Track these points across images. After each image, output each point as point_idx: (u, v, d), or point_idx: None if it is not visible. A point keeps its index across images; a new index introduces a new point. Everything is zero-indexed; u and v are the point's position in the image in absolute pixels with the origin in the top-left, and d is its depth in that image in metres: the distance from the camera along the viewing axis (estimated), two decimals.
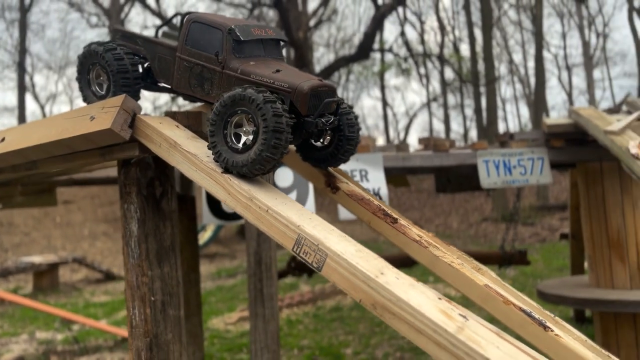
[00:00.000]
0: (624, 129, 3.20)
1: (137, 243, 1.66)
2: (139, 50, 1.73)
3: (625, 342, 4.08)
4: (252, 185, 1.36)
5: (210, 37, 1.53)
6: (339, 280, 1.20)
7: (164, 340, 1.67)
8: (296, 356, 6.96)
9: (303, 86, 1.42)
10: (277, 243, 2.58)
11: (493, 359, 1.02)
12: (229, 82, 1.50)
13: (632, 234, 4.10)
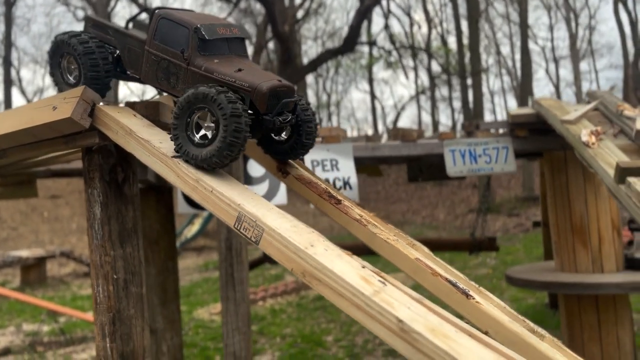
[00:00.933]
0: (579, 118, 3.35)
1: (100, 225, 1.78)
2: (110, 40, 1.77)
3: (588, 323, 4.26)
4: (199, 169, 1.48)
5: (177, 34, 1.60)
6: (274, 252, 1.33)
7: (126, 315, 1.79)
8: (279, 344, 7.10)
9: (262, 86, 1.49)
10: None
11: (402, 317, 1.15)
12: (194, 79, 1.56)
13: (594, 221, 4.27)
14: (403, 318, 1.16)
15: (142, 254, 1.87)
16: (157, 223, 3.90)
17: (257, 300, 9.07)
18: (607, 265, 4.24)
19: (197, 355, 6.74)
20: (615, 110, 3.44)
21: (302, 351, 6.67)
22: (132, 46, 1.72)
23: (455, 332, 1.19)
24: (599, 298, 4.20)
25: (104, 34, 1.79)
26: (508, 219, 19.14)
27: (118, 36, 1.75)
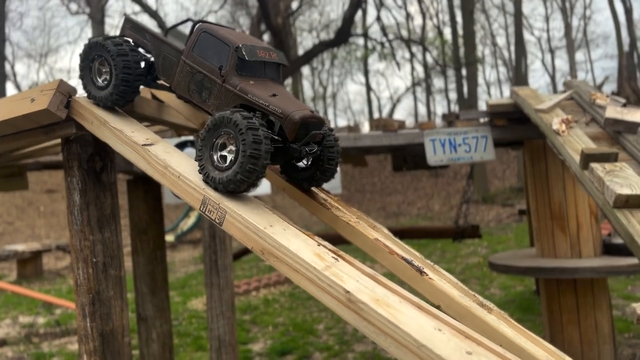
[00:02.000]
0: (552, 107, 3.44)
1: (79, 211, 1.87)
2: (145, 44, 1.77)
3: (566, 307, 4.38)
4: (167, 155, 1.58)
5: (217, 50, 1.60)
6: (236, 232, 1.43)
7: (105, 297, 1.89)
8: (271, 332, 7.22)
9: (295, 115, 1.50)
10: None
11: (349, 289, 1.25)
12: (227, 96, 1.57)
13: (572, 207, 4.37)
14: (350, 289, 1.26)
15: (121, 238, 1.97)
16: (146, 214, 3.99)
17: (251, 290, 9.20)
18: (585, 251, 4.36)
19: (190, 344, 6.86)
20: (588, 99, 3.53)
21: (293, 339, 6.79)
22: (168, 54, 1.72)
23: (400, 302, 1.29)
24: (577, 282, 4.31)
25: (140, 38, 1.79)
26: (502, 209, 19.29)
27: (155, 42, 1.76)
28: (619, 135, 3.06)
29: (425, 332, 1.19)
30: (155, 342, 4.04)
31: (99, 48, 1.75)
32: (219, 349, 3.17)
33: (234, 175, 1.42)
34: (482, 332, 1.42)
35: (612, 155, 2.59)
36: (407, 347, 1.17)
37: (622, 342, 5.91)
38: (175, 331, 7.43)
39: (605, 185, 2.34)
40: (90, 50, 1.77)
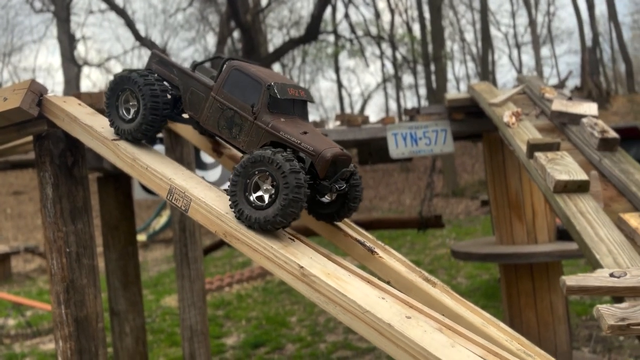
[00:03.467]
0: (504, 101, 3.65)
1: (52, 204, 1.97)
2: (172, 78, 1.78)
3: (524, 291, 4.62)
4: (136, 149, 1.69)
5: (248, 87, 1.63)
6: (200, 218, 1.56)
7: (79, 285, 2.00)
8: (244, 326, 7.34)
9: (326, 153, 1.53)
10: None
11: (303, 264, 1.40)
12: (258, 133, 1.59)
13: (528, 196, 4.61)
14: (304, 265, 1.40)
15: (93, 230, 2.08)
16: (116, 210, 4.07)
17: (224, 286, 9.28)
18: (540, 237, 4.60)
19: (163, 340, 6.94)
20: (538, 93, 3.75)
21: (266, 332, 6.92)
22: (196, 89, 1.73)
23: (349, 275, 1.44)
24: (533, 267, 4.55)
25: (167, 72, 1.80)
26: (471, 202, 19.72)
27: (183, 77, 1.76)
28: (564, 127, 3.27)
29: (369, 300, 1.35)
30: (128, 336, 4.12)
31: (125, 81, 1.74)
32: (191, 339, 3.29)
33: (273, 216, 1.42)
34: (425, 302, 1.59)
35: (555, 144, 2.79)
36: (353, 313, 1.32)
37: (580, 324, 6.22)
38: (149, 328, 7.48)
39: (547, 172, 2.54)
40: (116, 86, 1.76)
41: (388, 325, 1.29)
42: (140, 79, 1.72)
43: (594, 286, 1.83)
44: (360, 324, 1.32)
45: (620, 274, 1.87)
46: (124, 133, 1.74)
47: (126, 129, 1.74)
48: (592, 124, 3.04)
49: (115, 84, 1.77)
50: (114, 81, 1.77)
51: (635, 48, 41.61)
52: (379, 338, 1.29)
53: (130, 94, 1.75)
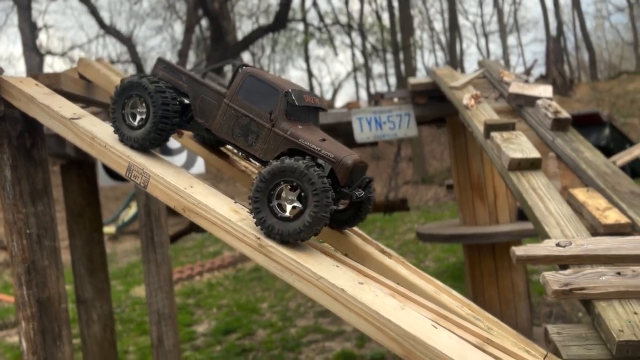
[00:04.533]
0: (465, 84, 3.74)
1: (11, 186, 1.96)
2: (181, 85, 1.73)
3: (486, 270, 4.77)
4: (94, 128, 1.70)
5: (265, 94, 1.60)
6: (159, 194, 1.59)
7: (40, 266, 2.00)
8: (215, 314, 7.36)
9: (347, 160, 1.52)
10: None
11: (260, 236, 1.44)
12: (276, 141, 1.56)
13: (489, 178, 4.74)
14: (261, 236, 1.45)
15: (54, 212, 2.08)
16: (80, 196, 4.03)
17: (194, 275, 9.26)
18: (501, 217, 4.75)
19: (133, 329, 6.91)
20: (497, 77, 3.85)
21: (237, 319, 6.96)
22: (207, 96, 1.69)
23: (305, 246, 1.49)
24: (495, 246, 4.70)
25: (175, 79, 1.74)
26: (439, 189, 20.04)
27: (192, 84, 1.72)
28: (520, 109, 3.38)
29: (323, 267, 1.40)
30: (96, 323, 4.11)
31: (134, 87, 1.68)
32: (159, 322, 3.31)
33: (299, 231, 1.40)
34: (380, 272, 1.65)
35: (510, 125, 2.89)
36: (308, 279, 1.38)
37: (541, 302, 6.44)
38: (119, 318, 7.43)
39: (502, 151, 2.64)
40: (124, 91, 1.69)
41: (341, 290, 1.34)
42: (152, 86, 1.66)
43: (541, 255, 1.93)
44: (315, 290, 1.37)
45: (566, 243, 1.97)
46: (130, 140, 1.66)
47: (133, 136, 1.66)
48: (546, 105, 3.16)
49: (122, 89, 1.70)
50: (121, 86, 1.70)
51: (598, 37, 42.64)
52: (332, 303, 1.35)
53: (139, 100, 1.68)
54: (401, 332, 1.27)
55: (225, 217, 1.49)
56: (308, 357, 5.55)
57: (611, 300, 1.71)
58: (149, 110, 1.67)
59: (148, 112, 1.67)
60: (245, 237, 1.46)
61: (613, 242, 1.96)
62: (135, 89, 1.68)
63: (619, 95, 26.38)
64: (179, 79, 1.74)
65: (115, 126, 1.70)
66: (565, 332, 1.70)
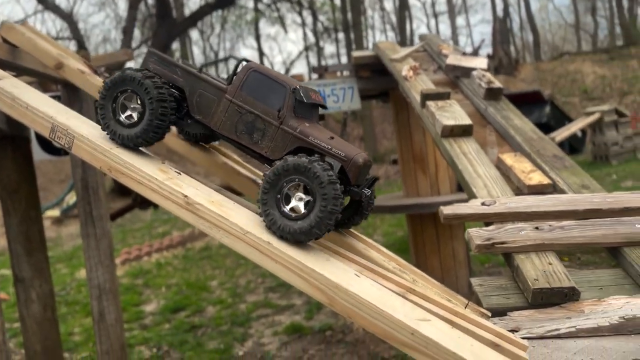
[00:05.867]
0: (405, 57, 3.81)
1: None
2: (175, 80, 1.64)
3: (429, 239, 4.92)
4: (15, 90, 1.65)
5: (270, 90, 1.55)
6: (85, 154, 1.56)
7: None
8: (164, 293, 7.29)
9: (358, 159, 1.49)
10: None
11: (187, 194, 1.45)
12: (284, 139, 1.52)
13: (431, 150, 4.87)
14: (188, 194, 1.45)
15: None
16: (15, 172, 3.88)
17: (142, 256, 9.12)
18: (442, 189, 4.90)
19: (79, 311, 6.77)
20: (436, 50, 3.94)
21: (186, 297, 6.92)
22: (205, 91, 1.61)
23: (233, 204, 1.51)
24: (436, 217, 4.83)
25: (169, 73, 1.65)
26: (390, 167, 20.40)
27: (189, 78, 1.63)
28: (457, 80, 3.48)
29: (250, 222, 1.43)
30: (35, 302, 4.00)
31: (127, 82, 1.58)
32: (100, 297, 3.25)
33: (309, 228, 1.37)
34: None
35: (445, 94, 2.97)
36: (235, 235, 1.40)
37: (482, 271, 6.71)
38: (63, 300, 7.26)
39: (436, 118, 2.72)
40: (115, 86, 1.59)
41: (267, 243, 1.37)
42: (148, 81, 1.57)
43: (467, 213, 2.02)
44: (242, 244, 1.40)
45: (490, 202, 2.07)
46: (122, 138, 1.57)
47: (126, 134, 1.57)
48: (480, 76, 3.26)
49: (114, 84, 1.59)
50: (112, 80, 1.59)
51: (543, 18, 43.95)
52: (259, 256, 1.38)
53: (134, 95, 1.59)
54: (324, 280, 1.32)
55: (152, 175, 1.48)
56: (258, 331, 5.60)
57: (529, 252, 1.82)
58: (144, 107, 1.58)
59: (143, 109, 1.58)
60: (172, 195, 1.46)
61: (534, 200, 2.07)
62: (128, 83, 1.58)
63: (561, 75, 27.43)
64: (173, 73, 1.65)
65: (104, 123, 1.60)
66: (486, 283, 1.80)
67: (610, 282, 1.77)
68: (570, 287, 1.63)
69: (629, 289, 1.71)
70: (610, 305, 1.61)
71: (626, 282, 1.75)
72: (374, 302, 1.28)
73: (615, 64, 26.57)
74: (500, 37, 30.35)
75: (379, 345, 4.91)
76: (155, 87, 1.57)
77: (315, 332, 5.40)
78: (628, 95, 23.20)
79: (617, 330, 1.51)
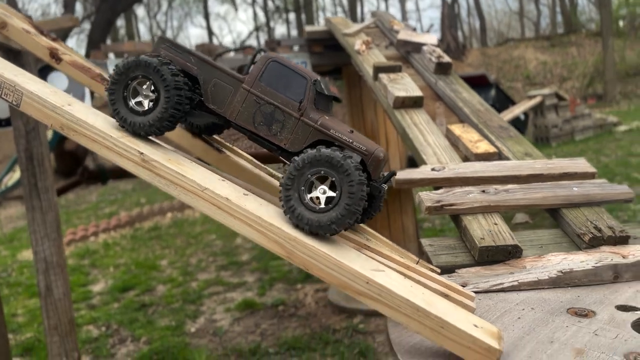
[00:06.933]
0: (357, 31, 3.85)
1: None
2: (189, 68, 1.59)
3: (379, 214, 5.03)
4: None
5: (292, 82, 1.53)
6: (34, 112, 1.52)
7: None
8: (112, 273, 7.14)
9: (379, 153, 1.47)
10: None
11: (143, 151, 1.44)
12: (305, 131, 1.50)
13: (382, 126, 4.96)
14: (144, 151, 1.44)
15: None
16: None
17: (89, 236, 8.88)
18: (393, 164, 5.00)
19: (21, 293, 6.54)
20: (388, 26, 4.00)
21: (135, 276, 6.81)
22: (221, 80, 1.57)
23: (190, 162, 1.51)
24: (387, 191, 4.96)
25: (182, 60, 1.59)
26: None
27: (204, 66, 1.58)
28: (408, 55, 3.55)
29: (208, 180, 1.43)
30: None
31: (141, 67, 1.52)
32: (47, 271, 3.16)
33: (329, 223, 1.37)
34: (268, 192, 1.72)
35: (397, 67, 3.04)
36: (193, 192, 1.40)
37: None
38: (4, 282, 7.00)
39: (388, 90, 2.78)
40: (128, 71, 1.54)
41: (226, 200, 1.39)
42: (165, 68, 1.52)
43: (418, 178, 2.09)
44: (200, 201, 1.40)
45: (440, 168, 2.15)
46: (133, 126, 1.53)
47: (138, 122, 1.53)
48: (430, 50, 3.34)
49: (127, 69, 1.53)
50: (126, 65, 1.53)
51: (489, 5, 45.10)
52: (217, 212, 1.39)
53: (146, 82, 1.54)
54: (283, 234, 1.34)
55: (107, 133, 1.46)
56: (210, 308, 5.59)
57: (476, 214, 1.91)
58: (158, 95, 1.53)
59: (156, 97, 1.53)
60: (127, 153, 1.45)
61: (481, 166, 2.17)
62: (143, 69, 1.52)
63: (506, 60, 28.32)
64: (187, 61, 1.59)
65: (113, 109, 1.55)
66: (436, 244, 1.88)
67: (549, 241, 1.88)
68: (514, 245, 1.73)
69: (566, 246, 1.83)
70: (549, 261, 1.72)
71: (564, 241, 1.87)
72: (331, 253, 1.32)
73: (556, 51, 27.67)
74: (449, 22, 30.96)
75: (331, 318, 5.01)
76: (172, 74, 1.53)
77: (268, 308, 5.45)
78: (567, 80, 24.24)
79: (555, 283, 1.62)
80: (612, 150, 11.48)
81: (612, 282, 1.65)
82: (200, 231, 8.86)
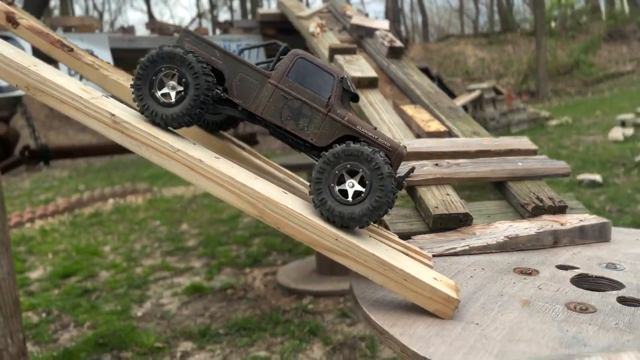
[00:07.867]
0: (311, 15, 3.91)
1: None
2: (214, 62, 1.57)
3: None
4: None
5: (319, 78, 1.55)
6: (0, 72, 1.49)
7: None
8: (51, 259, 6.90)
9: (402, 150, 1.50)
10: None
11: (114, 112, 1.45)
12: (332, 127, 1.52)
13: None
14: (115, 113, 1.45)
15: None
16: None
17: (24, 222, 8.51)
18: None
19: None
20: (341, 11, 4.08)
21: (76, 262, 6.61)
22: (248, 75, 1.56)
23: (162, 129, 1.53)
24: None
25: (207, 54, 1.58)
26: None
27: (229, 61, 1.58)
28: (361, 39, 3.65)
29: (180, 143, 1.46)
30: None
31: (169, 59, 1.52)
32: None
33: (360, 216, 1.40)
34: (235, 159, 1.75)
35: (352, 49, 3.12)
36: (166, 153, 1.43)
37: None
38: None
39: (344, 70, 2.86)
40: (155, 63, 1.53)
41: (199, 161, 1.42)
42: (190, 56, 1.52)
43: None
44: (172, 162, 1.43)
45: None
46: (165, 118, 1.53)
47: (170, 113, 1.53)
48: (383, 35, 3.45)
49: (151, 62, 1.53)
50: (149, 59, 1.53)
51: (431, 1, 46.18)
52: (190, 173, 1.42)
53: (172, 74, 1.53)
54: (255, 194, 1.39)
55: (76, 94, 1.45)
56: (156, 293, 5.53)
57: (430, 185, 2.03)
58: (186, 85, 1.53)
59: (184, 87, 1.53)
60: (98, 115, 1.44)
61: (433, 142, 2.29)
62: (170, 61, 1.52)
63: (446, 56, 29.18)
64: (212, 55, 1.59)
65: (142, 104, 1.54)
66: (393, 213, 1.99)
67: (496, 211, 2.03)
68: (465, 213, 1.86)
69: (511, 215, 1.98)
70: (497, 228, 1.86)
71: (509, 211, 2.02)
72: (303, 212, 1.39)
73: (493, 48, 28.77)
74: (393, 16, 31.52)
75: (280, 300, 5.08)
76: (199, 61, 1.54)
77: (216, 291, 5.45)
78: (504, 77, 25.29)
79: (502, 248, 1.77)
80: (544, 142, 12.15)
81: (552, 247, 1.81)
82: (144, 217, 8.68)
